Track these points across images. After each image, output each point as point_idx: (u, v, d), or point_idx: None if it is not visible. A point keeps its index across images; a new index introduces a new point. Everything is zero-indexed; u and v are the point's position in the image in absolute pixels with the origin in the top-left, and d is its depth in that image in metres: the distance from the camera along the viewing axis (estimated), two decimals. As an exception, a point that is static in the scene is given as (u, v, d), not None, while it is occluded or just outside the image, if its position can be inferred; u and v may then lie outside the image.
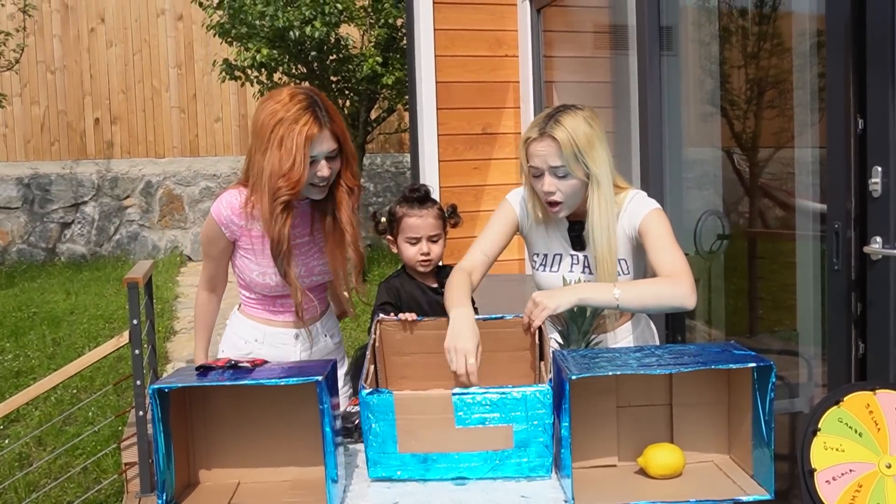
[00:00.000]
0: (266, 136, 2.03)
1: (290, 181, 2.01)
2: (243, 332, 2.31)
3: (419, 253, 2.29)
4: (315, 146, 2.03)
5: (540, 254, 2.25)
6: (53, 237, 9.49)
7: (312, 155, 2.04)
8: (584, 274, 2.18)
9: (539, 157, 2.05)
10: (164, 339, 6.45)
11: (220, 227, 2.18)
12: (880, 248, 2.29)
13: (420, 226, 2.27)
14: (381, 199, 10.16)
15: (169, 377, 1.65)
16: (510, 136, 4.68)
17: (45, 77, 9.50)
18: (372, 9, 7.55)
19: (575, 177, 2.05)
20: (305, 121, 2.01)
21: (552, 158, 2.03)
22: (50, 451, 4.55)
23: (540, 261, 2.25)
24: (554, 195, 2.07)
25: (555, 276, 2.20)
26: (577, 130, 2.03)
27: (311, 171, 2.05)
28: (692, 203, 3.88)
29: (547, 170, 2.05)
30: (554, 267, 2.22)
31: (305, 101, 2.04)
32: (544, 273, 2.23)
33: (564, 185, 2.06)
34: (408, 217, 2.28)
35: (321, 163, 2.06)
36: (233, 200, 2.16)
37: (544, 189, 2.06)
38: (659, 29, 3.49)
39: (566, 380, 1.55)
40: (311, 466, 1.67)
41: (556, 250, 2.23)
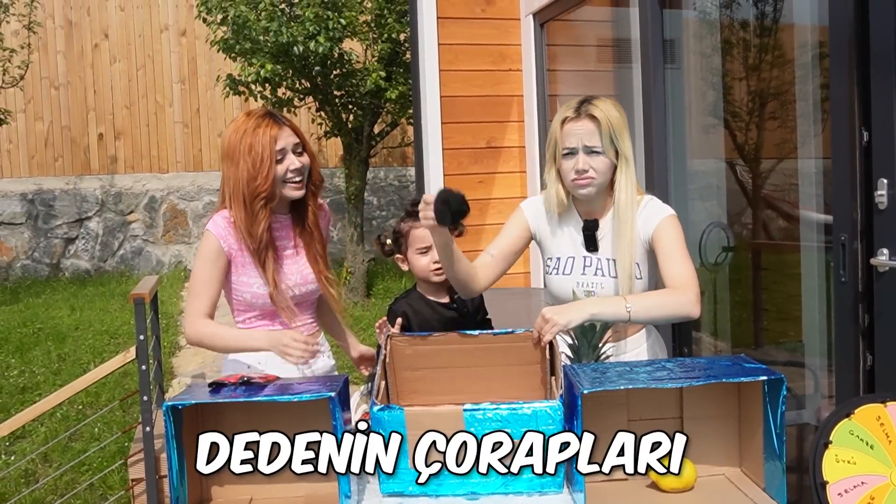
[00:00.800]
0: (235, 151, 2.23)
1: (264, 178, 2.19)
2: (245, 357, 2.33)
3: (431, 262, 2.31)
4: (280, 141, 2.22)
5: (553, 258, 2.27)
6: (57, 253, 9.50)
7: (280, 149, 2.22)
8: (597, 276, 2.20)
9: (576, 135, 2.13)
10: (170, 354, 6.46)
11: (220, 241, 2.25)
12: (887, 259, 2.29)
13: (427, 236, 2.28)
14: (385, 212, 10.17)
15: (182, 394, 1.66)
16: (514, 150, 4.70)
17: (49, 93, 9.54)
18: (375, 24, 7.59)
19: (607, 156, 2.14)
20: (266, 124, 2.22)
21: (588, 137, 2.12)
22: (56, 468, 4.55)
23: (553, 265, 2.27)
24: (588, 172, 2.13)
25: (567, 280, 2.22)
26: (611, 113, 2.15)
27: (283, 167, 2.22)
28: (697, 215, 3.88)
29: (581, 148, 2.13)
30: (566, 270, 2.23)
31: (261, 111, 2.28)
32: (557, 277, 2.25)
33: (597, 163, 2.14)
34: (415, 229, 2.31)
35: (290, 156, 2.23)
36: (225, 218, 2.28)
37: (578, 167, 2.13)
38: (662, 42, 3.51)
39: (578, 394, 1.55)
40: (324, 482, 1.67)
41: (568, 252, 2.25)
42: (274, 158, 2.20)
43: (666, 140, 3.51)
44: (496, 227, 2.48)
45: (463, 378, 1.99)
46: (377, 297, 8.23)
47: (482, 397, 1.81)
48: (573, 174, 2.15)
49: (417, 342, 2.02)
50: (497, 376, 1.96)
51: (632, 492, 1.67)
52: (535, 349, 1.97)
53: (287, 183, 2.25)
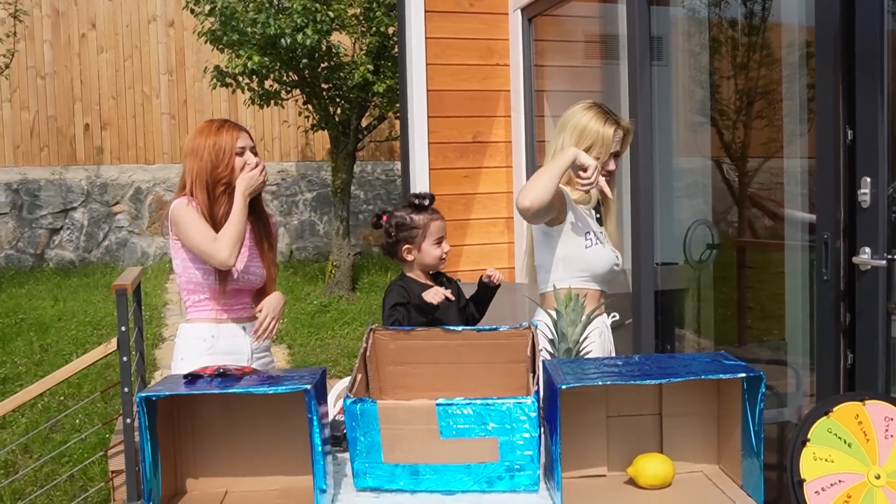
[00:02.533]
0: (201, 148, 2.59)
1: (226, 166, 2.57)
2: (198, 332, 2.63)
3: (444, 251, 2.54)
4: (240, 140, 2.62)
5: (590, 231, 2.59)
6: (42, 243, 9.44)
7: (241, 146, 2.60)
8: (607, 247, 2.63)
9: (617, 142, 2.60)
10: (153, 346, 6.42)
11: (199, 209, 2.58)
12: (869, 258, 2.30)
13: (443, 227, 2.55)
14: (372, 206, 10.15)
15: (156, 385, 1.64)
16: (501, 145, 4.68)
17: (36, 82, 9.46)
18: (364, 17, 7.56)
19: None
20: (227, 127, 2.63)
21: (623, 145, 2.64)
22: (36, 459, 4.52)
23: (594, 238, 2.58)
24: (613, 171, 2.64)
25: (604, 250, 2.58)
26: None
27: (242, 160, 2.60)
28: (682, 212, 3.89)
29: (611, 154, 2.59)
30: (602, 241, 2.60)
31: (221, 120, 2.69)
32: (598, 248, 2.57)
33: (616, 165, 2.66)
34: (434, 221, 2.54)
35: (247, 153, 2.62)
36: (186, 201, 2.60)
37: (609, 168, 2.60)
38: (650, 39, 3.50)
39: (556, 389, 1.54)
40: (300, 475, 1.65)
41: (596, 228, 2.63)
42: (234, 151, 2.59)
43: (652, 137, 3.50)
44: (481, 221, 2.53)
45: (446, 374, 1.98)
46: (362, 290, 8.21)
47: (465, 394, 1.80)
48: (603, 172, 2.55)
49: (401, 337, 2.01)
50: (481, 373, 1.95)
51: (609, 489, 1.67)
52: (520, 346, 1.94)
53: None
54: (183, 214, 2.56)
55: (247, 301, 2.71)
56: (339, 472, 1.77)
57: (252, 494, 1.67)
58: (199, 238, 2.53)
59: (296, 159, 10.09)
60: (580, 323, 1.94)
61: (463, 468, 1.63)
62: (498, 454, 1.61)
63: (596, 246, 2.57)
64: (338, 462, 1.81)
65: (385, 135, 9.37)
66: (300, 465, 1.64)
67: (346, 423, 1.62)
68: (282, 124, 9.93)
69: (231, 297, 2.65)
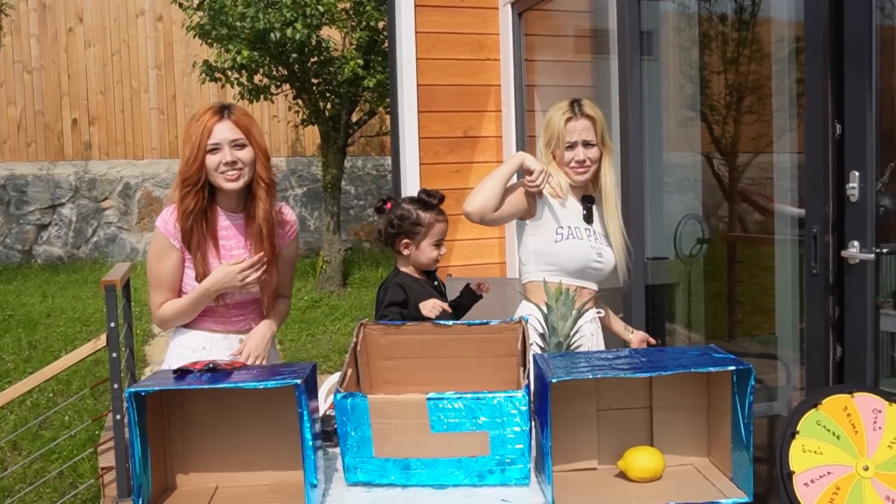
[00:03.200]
0: (183, 138, 2.34)
1: (193, 165, 2.25)
2: (190, 343, 2.39)
3: (439, 254, 2.52)
4: (215, 134, 2.26)
5: (563, 226, 2.59)
6: (30, 239, 9.38)
7: (214, 142, 2.25)
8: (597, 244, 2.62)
9: (577, 132, 2.58)
10: (143, 342, 6.40)
11: (168, 237, 2.31)
12: (857, 252, 2.31)
13: (445, 230, 2.51)
14: (363, 201, 10.13)
15: (146, 380, 1.63)
16: (491, 140, 4.68)
17: (22, 77, 9.39)
18: (354, 11, 7.53)
19: (598, 148, 2.61)
20: (210, 115, 2.28)
21: (586, 133, 2.58)
22: (25, 456, 4.50)
23: (566, 232, 2.58)
24: (586, 162, 2.59)
25: (580, 244, 2.57)
26: (599, 114, 2.62)
27: (216, 158, 2.26)
28: (672, 207, 3.90)
29: (581, 142, 2.58)
30: (579, 236, 2.59)
31: (214, 105, 2.33)
32: (570, 241, 2.57)
33: (592, 154, 2.60)
34: (438, 223, 2.49)
35: (225, 149, 2.26)
36: (171, 212, 2.33)
37: (578, 158, 2.58)
38: (639, 34, 3.50)
39: (547, 383, 1.54)
40: (290, 470, 1.65)
41: (574, 223, 2.61)
42: (204, 148, 2.25)
43: (642, 132, 3.51)
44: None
45: (437, 369, 1.98)
46: (353, 286, 8.20)
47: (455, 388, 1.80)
48: (574, 163, 2.59)
49: (391, 331, 2.00)
50: (472, 367, 1.94)
51: (600, 482, 1.67)
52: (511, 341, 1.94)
53: (220, 174, 2.28)
54: (156, 248, 2.34)
55: (244, 312, 2.43)
56: (329, 466, 1.77)
57: (242, 489, 1.67)
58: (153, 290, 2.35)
59: (286, 154, 10.06)
60: (570, 317, 1.94)
61: (454, 462, 1.63)
62: (489, 448, 1.61)
63: (568, 240, 2.57)
64: (329, 457, 1.81)
65: (375, 130, 9.35)
66: (291, 460, 1.64)
67: (337, 418, 1.62)
68: (271, 119, 9.90)
69: (227, 309, 2.39)
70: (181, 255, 2.32)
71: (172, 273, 2.33)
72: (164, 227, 2.31)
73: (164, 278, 2.33)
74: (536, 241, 2.60)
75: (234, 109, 2.32)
